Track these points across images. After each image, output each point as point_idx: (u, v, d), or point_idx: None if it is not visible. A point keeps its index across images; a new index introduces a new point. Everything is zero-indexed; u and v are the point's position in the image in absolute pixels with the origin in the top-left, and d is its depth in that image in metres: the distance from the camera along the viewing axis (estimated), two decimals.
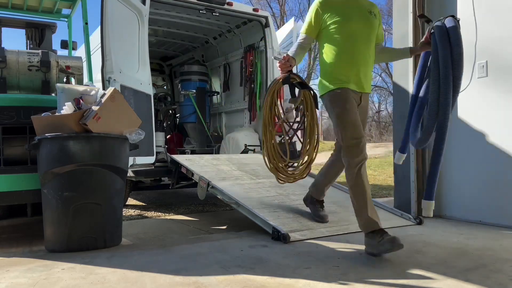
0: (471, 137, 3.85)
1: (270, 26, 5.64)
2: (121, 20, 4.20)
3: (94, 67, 4.64)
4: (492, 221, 3.66)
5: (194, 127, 6.69)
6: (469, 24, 3.85)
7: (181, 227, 4.11)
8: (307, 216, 3.52)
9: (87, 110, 2.91)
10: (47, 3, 5.20)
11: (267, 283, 2.12)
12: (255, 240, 3.07)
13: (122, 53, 4.17)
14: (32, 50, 4.43)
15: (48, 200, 2.85)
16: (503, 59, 3.63)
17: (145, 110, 4.32)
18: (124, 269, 2.37)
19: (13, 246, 3.15)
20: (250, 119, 6.09)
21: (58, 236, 2.82)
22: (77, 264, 2.49)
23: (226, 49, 6.75)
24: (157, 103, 6.53)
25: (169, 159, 4.61)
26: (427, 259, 2.57)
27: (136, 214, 4.94)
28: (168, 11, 5.67)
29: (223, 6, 5.31)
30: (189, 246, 2.94)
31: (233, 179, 4.22)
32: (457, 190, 3.98)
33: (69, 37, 5.54)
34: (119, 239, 3.06)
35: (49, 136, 2.82)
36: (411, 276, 2.24)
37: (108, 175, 2.92)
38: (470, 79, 3.83)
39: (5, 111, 3.17)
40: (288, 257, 2.59)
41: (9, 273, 2.34)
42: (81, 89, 3.13)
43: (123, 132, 3.03)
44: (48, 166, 2.84)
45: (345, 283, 2.12)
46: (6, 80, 3.98)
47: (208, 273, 2.28)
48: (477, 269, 2.36)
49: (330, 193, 4.34)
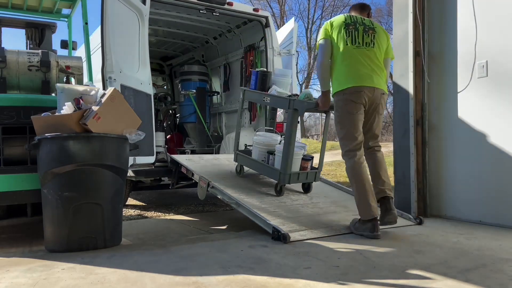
0: (471, 137, 3.85)
1: (270, 26, 5.64)
2: (121, 20, 4.20)
3: (94, 67, 4.64)
4: (492, 221, 3.66)
5: (194, 127, 6.69)
6: (469, 24, 3.85)
7: (181, 227, 4.11)
8: (307, 216, 3.52)
9: (87, 110, 2.91)
10: (47, 3, 5.20)
11: (267, 283, 2.12)
12: (255, 240, 3.07)
13: (122, 53, 4.17)
14: (32, 50, 4.42)
15: (48, 200, 2.85)
16: (503, 59, 3.62)
17: (145, 110, 4.32)
18: (124, 269, 2.37)
19: (13, 246, 3.15)
20: (250, 119, 6.09)
21: (58, 236, 2.82)
22: (77, 264, 2.49)
23: (226, 49, 6.74)
24: (157, 103, 6.52)
25: (169, 159, 4.61)
26: (427, 259, 2.57)
27: (136, 214, 4.94)
28: (169, 11, 5.67)
29: (223, 6, 5.30)
30: (189, 246, 2.94)
31: (233, 179, 4.22)
32: (457, 190, 3.98)
33: (69, 37, 5.54)
34: (119, 239, 3.06)
35: (49, 136, 2.82)
36: (411, 276, 2.24)
37: (108, 175, 2.92)
38: (470, 79, 3.83)
39: (5, 111, 3.17)
40: (288, 257, 2.59)
41: (9, 273, 2.34)
42: (81, 89, 3.13)
43: (123, 132, 3.03)
44: (48, 166, 2.84)
45: (345, 283, 2.12)
46: (6, 80, 3.97)
47: (208, 273, 2.28)
48: (477, 269, 2.36)
49: (330, 193, 4.35)
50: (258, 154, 4.17)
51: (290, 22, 6.17)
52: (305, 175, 4.02)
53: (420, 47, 4.16)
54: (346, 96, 3.25)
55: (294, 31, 5.89)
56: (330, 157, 13.58)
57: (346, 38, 3.28)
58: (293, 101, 3.70)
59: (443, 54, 4.10)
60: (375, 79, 3.29)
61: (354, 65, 3.27)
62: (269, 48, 5.64)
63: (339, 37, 3.29)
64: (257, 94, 4.29)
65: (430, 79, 4.18)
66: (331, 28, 3.35)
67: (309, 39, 29.84)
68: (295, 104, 3.69)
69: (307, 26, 29.83)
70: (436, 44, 4.17)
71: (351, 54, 3.27)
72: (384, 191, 3.26)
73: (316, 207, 3.81)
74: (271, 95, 4.10)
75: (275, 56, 5.64)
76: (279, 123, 5.58)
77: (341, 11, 29.80)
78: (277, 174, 3.84)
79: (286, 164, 3.74)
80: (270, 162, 4.03)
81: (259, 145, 4.18)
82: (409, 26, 4.21)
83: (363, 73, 3.26)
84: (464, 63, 3.92)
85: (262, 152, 4.15)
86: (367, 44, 3.32)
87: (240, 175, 4.35)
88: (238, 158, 4.33)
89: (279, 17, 28.63)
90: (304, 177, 4.03)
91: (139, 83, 4.34)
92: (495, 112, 3.68)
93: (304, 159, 4.01)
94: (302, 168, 4.00)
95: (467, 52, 3.86)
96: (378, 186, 3.29)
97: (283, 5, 29.78)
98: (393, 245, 2.89)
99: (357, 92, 3.22)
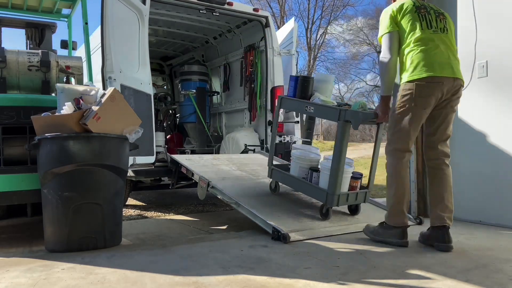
0: (471, 137, 3.85)
1: (270, 26, 5.65)
2: (121, 20, 4.20)
3: (94, 67, 4.64)
4: (492, 221, 3.66)
5: (194, 127, 6.70)
6: (469, 24, 3.85)
7: (181, 227, 4.11)
8: (307, 216, 3.52)
9: (87, 110, 2.91)
10: (47, 3, 5.20)
11: (267, 283, 2.12)
12: (255, 240, 3.07)
13: (122, 52, 4.17)
14: (32, 50, 4.43)
15: (48, 200, 2.85)
16: (503, 59, 3.63)
17: (145, 110, 4.32)
18: (124, 269, 2.37)
19: (13, 246, 3.15)
20: (250, 119, 6.09)
21: (58, 236, 2.82)
22: (77, 264, 2.48)
23: (226, 49, 6.75)
24: (157, 103, 6.53)
25: (169, 159, 4.61)
26: (427, 259, 2.57)
27: (136, 214, 4.94)
28: (168, 11, 5.68)
29: (223, 6, 5.31)
30: (189, 246, 2.94)
31: (233, 179, 4.22)
32: (457, 190, 3.97)
33: (69, 37, 5.54)
34: (119, 239, 3.06)
35: (49, 136, 2.82)
36: (411, 276, 2.24)
37: (108, 175, 2.92)
38: (470, 79, 3.83)
39: (5, 111, 3.17)
40: (288, 257, 2.59)
41: (9, 273, 2.33)
42: (81, 89, 3.13)
43: (123, 132, 3.03)
44: (48, 166, 2.84)
45: (345, 283, 2.12)
46: (6, 80, 3.97)
47: (208, 273, 2.28)
48: (477, 269, 2.36)
49: None
50: (299, 170, 3.72)
51: (290, 22, 6.17)
52: (355, 196, 3.52)
53: None
54: (420, 88, 2.76)
55: (294, 31, 5.89)
56: None
57: (421, 22, 2.83)
58: (345, 112, 3.18)
59: None
60: (455, 68, 2.84)
61: (432, 51, 2.79)
62: (269, 48, 5.64)
63: (412, 21, 2.83)
64: (298, 103, 3.70)
65: None
66: (400, 14, 2.87)
67: (309, 39, 29.84)
68: (348, 115, 3.16)
69: (307, 26, 29.82)
70: None
71: (428, 39, 2.80)
72: (443, 219, 2.79)
73: (316, 207, 3.80)
74: (316, 104, 3.54)
75: (275, 56, 5.65)
76: (278, 124, 5.57)
77: (341, 11, 29.81)
78: (322, 195, 3.37)
79: (335, 184, 3.27)
80: (313, 180, 3.56)
81: (300, 161, 3.73)
82: None
83: (442, 60, 2.80)
84: (464, 63, 3.91)
85: (303, 169, 3.70)
86: (441, 29, 2.88)
87: (275, 192, 3.96)
88: (273, 174, 3.89)
89: (279, 17, 28.63)
90: (353, 198, 3.53)
91: (139, 83, 4.34)
92: (495, 112, 3.68)
93: (354, 177, 3.53)
94: (351, 188, 3.52)
95: (467, 52, 3.86)
96: (437, 212, 2.83)
97: (283, 5, 29.78)
98: (393, 245, 2.89)
99: (434, 83, 2.76)
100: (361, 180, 3.60)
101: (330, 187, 3.30)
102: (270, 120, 5.65)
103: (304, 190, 3.71)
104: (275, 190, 3.97)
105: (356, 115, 3.12)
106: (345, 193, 3.45)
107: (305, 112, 3.75)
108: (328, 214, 3.43)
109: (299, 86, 3.74)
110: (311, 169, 3.64)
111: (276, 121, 4.18)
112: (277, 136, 5.59)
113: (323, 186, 3.40)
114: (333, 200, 3.31)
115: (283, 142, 5.56)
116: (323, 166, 3.47)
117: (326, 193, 3.32)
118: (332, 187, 3.28)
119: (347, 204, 3.56)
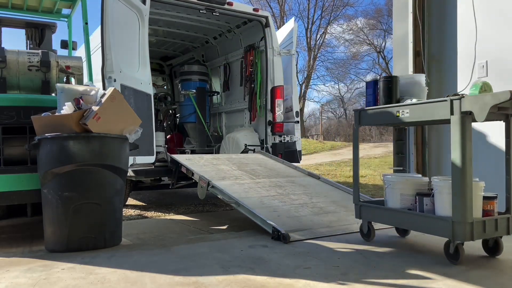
0: None
1: (270, 26, 5.65)
2: (121, 20, 4.20)
3: (94, 67, 4.65)
4: None
5: (194, 127, 6.70)
6: (469, 24, 3.85)
7: (181, 227, 4.11)
8: (307, 216, 3.52)
9: (87, 110, 2.92)
10: (47, 3, 5.20)
11: (267, 283, 2.12)
12: (255, 240, 3.07)
13: (122, 52, 4.17)
14: (32, 50, 4.43)
15: (48, 200, 2.85)
16: (503, 59, 3.63)
17: (145, 110, 4.32)
18: (124, 269, 2.37)
19: (13, 246, 3.15)
20: (250, 119, 6.10)
21: (58, 236, 2.82)
22: (77, 264, 2.49)
23: (226, 49, 6.75)
24: (157, 103, 6.54)
25: (169, 159, 4.61)
26: (427, 259, 2.57)
27: (136, 214, 4.94)
28: (168, 11, 5.68)
29: (223, 6, 5.31)
30: (189, 246, 2.95)
31: (233, 178, 4.22)
32: None
33: (69, 37, 5.54)
34: (119, 239, 3.06)
35: (49, 136, 2.82)
36: (411, 276, 2.24)
37: (108, 175, 2.92)
38: (470, 79, 3.83)
39: (5, 111, 3.17)
40: (288, 257, 2.59)
41: (9, 273, 2.34)
42: (81, 89, 3.13)
43: (123, 132, 3.04)
44: (48, 166, 2.84)
45: (345, 283, 2.12)
46: (6, 80, 3.97)
47: (208, 273, 2.28)
48: (477, 269, 2.36)
49: (330, 192, 4.35)
50: (401, 200, 2.83)
51: (290, 22, 6.18)
52: (494, 223, 2.48)
53: (420, 47, 4.17)
54: None
55: (294, 31, 5.90)
56: (330, 157, 13.59)
57: None
58: (461, 100, 2.37)
59: (443, 54, 4.11)
60: None
61: None
62: (269, 48, 5.65)
63: None
64: (384, 111, 2.88)
65: (430, 79, 4.18)
66: None
67: (309, 39, 29.88)
68: (466, 103, 2.35)
69: (307, 26, 29.87)
70: (436, 44, 4.17)
71: None
72: None
73: (316, 206, 3.81)
74: (410, 104, 2.71)
75: (275, 56, 5.66)
76: (278, 123, 5.58)
77: (341, 11, 29.87)
78: (445, 226, 2.43)
79: (465, 206, 2.35)
80: (425, 208, 2.64)
81: (400, 186, 2.85)
82: (409, 26, 4.22)
83: None
84: (464, 63, 3.93)
85: (407, 196, 2.81)
86: None
87: (368, 239, 3.00)
88: (363, 213, 3.00)
89: (279, 17, 28.67)
90: (493, 228, 2.48)
91: (139, 83, 4.34)
92: None
93: (486, 197, 2.54)
94: (485, 214, 2.51)
95: (467, 52, 3.87)
96: None
97: (283, 5, 29.82)
98: (393, 245, 2.89)
99: None
100: (497, 202, 2.59)
101: (455, 212, 2.38)
102: (270, 120, 5.65)
103: (413, 225, 2.73)
104: (368, 236, 3.01)
105: (482, 100, 2.31)
106: (480, 219, 2.44)
107: (396, 120, 2.80)
108: (459, 255, 2.42)
109: (382, 90, 2.96)
110: (419, 195, 2.72)
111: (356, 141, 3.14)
112: (277, 136, 5.60)
113: (443, 214, 2.52)
114: (464, 231, 2.35)
115: (283, 142, 5.56)
116: (437, 184, 2.58)
117: (451, 222, 2.39)
118: (458, 212, 2.36)
119: (484, 236, 2.48)
